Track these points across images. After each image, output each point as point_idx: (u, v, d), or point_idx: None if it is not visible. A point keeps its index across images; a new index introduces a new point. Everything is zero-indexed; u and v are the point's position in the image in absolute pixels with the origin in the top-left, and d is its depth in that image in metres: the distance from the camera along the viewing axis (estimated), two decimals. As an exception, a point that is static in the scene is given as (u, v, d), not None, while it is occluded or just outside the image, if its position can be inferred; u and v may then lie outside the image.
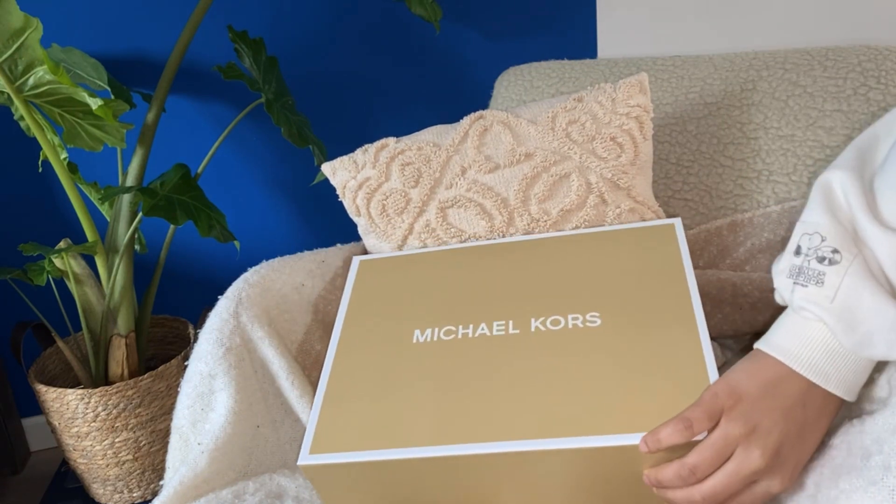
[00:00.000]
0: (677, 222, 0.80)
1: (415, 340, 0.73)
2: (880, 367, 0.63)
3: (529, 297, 0.75)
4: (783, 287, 0.63)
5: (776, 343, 0.61)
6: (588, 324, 0.70)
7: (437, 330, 0.74)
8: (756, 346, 0.63)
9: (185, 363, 0.82)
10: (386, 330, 0.76)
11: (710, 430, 0.58)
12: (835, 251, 0.60)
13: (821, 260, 0.60)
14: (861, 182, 0.62)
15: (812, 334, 0.60)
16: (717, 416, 0.58)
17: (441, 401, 0.67)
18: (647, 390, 0.63)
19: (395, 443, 0.64)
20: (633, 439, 0.59)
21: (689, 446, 0.58)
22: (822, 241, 0.61)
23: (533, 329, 0.71)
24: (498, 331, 0.72)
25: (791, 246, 0.64)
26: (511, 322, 0.72)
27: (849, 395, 0.60)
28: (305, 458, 0.66)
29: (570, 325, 0.70)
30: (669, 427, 0.58)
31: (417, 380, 0.69)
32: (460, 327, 0.73)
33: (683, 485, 0.59)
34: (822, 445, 0.60)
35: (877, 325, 0.57)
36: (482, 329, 0.72)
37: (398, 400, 0.68)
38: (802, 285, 0.61)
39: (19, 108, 1.20)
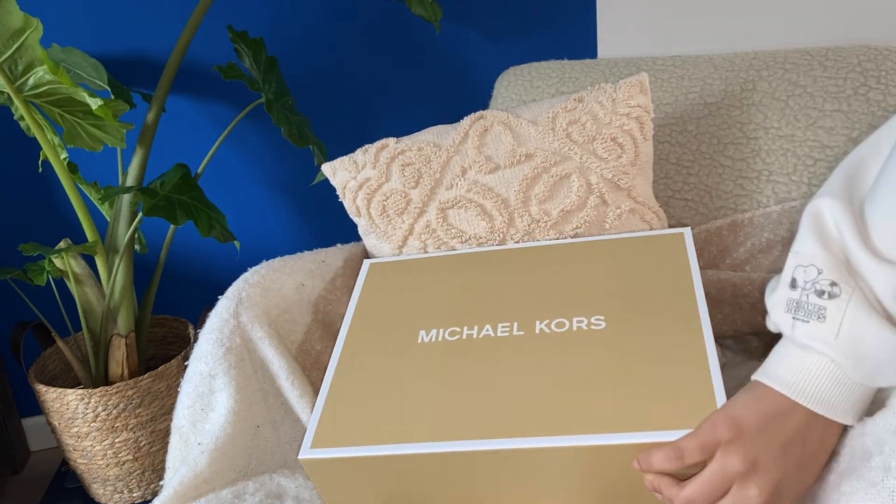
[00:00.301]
0: (686, 232, 0.80)
1: (420, 340, 0.74)
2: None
3: (535, 301, 0.75)
4: (782, 322, 0.62)
5: (777, 375, 0.60)
6: (593, 326, 0.70)
7: (441, 331, 0.74)
8: (755, 377, 0.62)
9: (185, 363, 0.82)
10: (391, 330, 0.76)
11: (707, 461, 0.58)
12: (833, 284, 0.59)
13: (820, 294, 0.59)
14: (851, 210, 0.61)
15: (815, 367, 0.59)
16: (711, 448, 0.57)
17: (443, 398, 0.67)
18: (649, 391, 0.63)
19: (396, 439, 0.65)
20: (634, 439, 0.59)
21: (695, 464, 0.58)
22: (819, 273, 0.60)
23: (537, 331, 0.71)
24: (502, 332, 0.72)
25: (785, 278, 0.63)
26: (516, 324, 0.72)
27: (854, 421, 0.59)
28: (306, 452, 0.66)
29: (574, 328, 0.70)
30: (662, 453, 0.58)
31: (420, 378, 0.70)
32: (465, 328, 0.73)
33: None
34: None
35: (884, 356, 0.57)
36: (487, 330, 0.73)
37: (400, 397, 0.68)
38: (803, 321, 0.60)
39: (19, 108, 1.20)
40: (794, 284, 0.62)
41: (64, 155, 1.29)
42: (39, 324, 1.41)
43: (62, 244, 1.28)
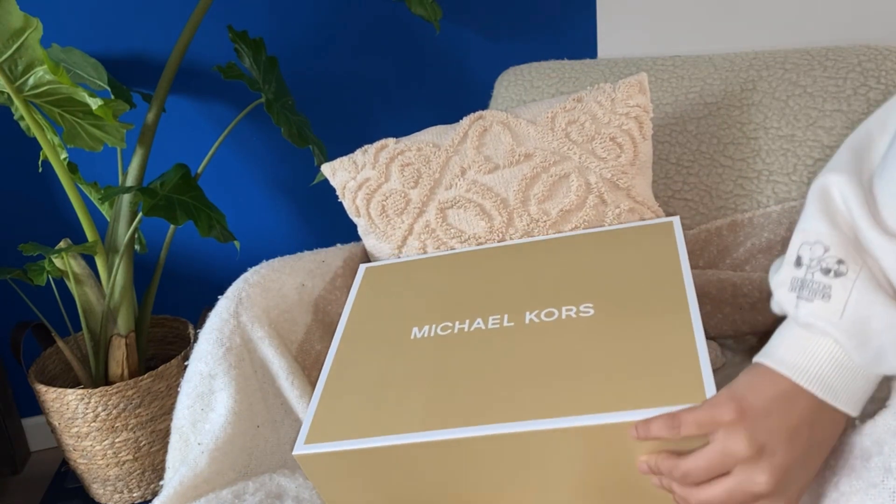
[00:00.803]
0: (675, 220, 0.80)
1: (412, 337, 0.74)
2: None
3: (525, 293, 0.76)
4: (786, 301, 0.60)
5: (780, 357, 0.58)
6: (581, 314, 0.70)
7: (434, 326, 0.75)
8: (757, 359, 0.60)
9: (185, 363, 0.82)
10: (385, 329, 0.77)
11: (709, 440, 0.57)
12: (840, 262, 0.57)
13: (825, 272, 0.57)
14: (860, 185, 0.59)
15: (819, 349, 0.57)
16: (709, 426, 0.56)
17: (436, 389, 0.67)
18: (638, 371, 0.63)
19: (390, 430, 0.65)
20: (625, 417, 0.59)
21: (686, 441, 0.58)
22: (826, 251, 0.58)
23: (527, 321, 0.72)
24: (493, 324, 0.73)
25: (790, 256, 0.61)
26: (506, 315, 0.73)
27: (855, 411, 0.57)
28: (301, 448, 0.66)
29: (563, 316, 0.71)
30: (660, 420, 0.57)
31: (413, 372, 0.70)
32: (457, 323, 0.74)
33: (679, 484, 0.58)
34: None
35: (890, 339, 0.55)
36: (478, 323, 0.73)
37: (394, 391, 0.69)
38: (807, 300, 0.57)
39: (19, 108, 1.20)
40: (799, 262, 0.59)
41: (64, 155, 1.29)
42: (39, 324, 1.41)
43: (62, 244, 1.28)
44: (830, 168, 0.61)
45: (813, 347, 0.57)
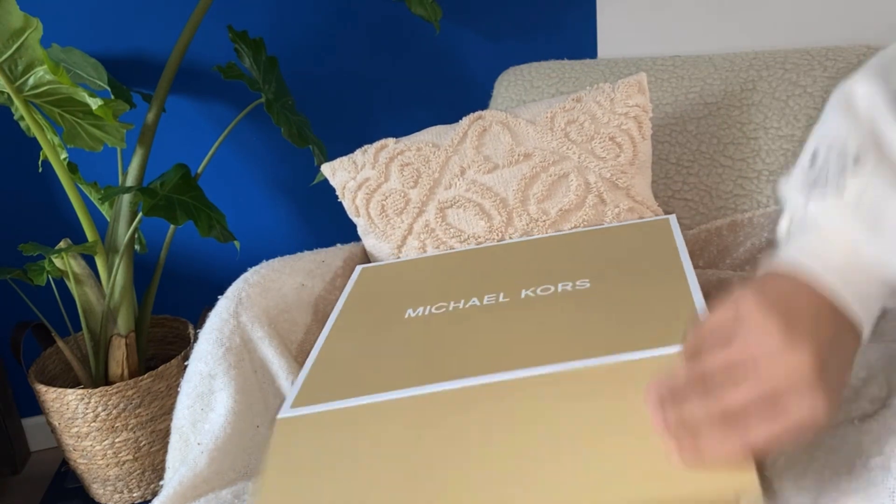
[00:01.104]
0: (672, 218, 0.81)
1: (406, 316, 0.74)
2: (882, 365, 0.62)
3: (521, 275, 0.76)
4: (796, 203, 0.56)
5: (790, 259, 0.52)
6: (577, 287, 0.71)
7: (429, 307, 0.75)
8: (763, 271, 0.53)
9: (185, 363, 0.82)
10: (379, 312, 0.77)
11: (731, 339, 0.49)
12: (857, 158, 0.53)
13: (841, 167, 0.54)
14: (887, 89, 0.55)
15: (831, 248, 0.52)
16: (727, 326, 0.50)
17: (431, 352, 0.67)
18: (637, 325, 0.62)
19: (385, 389, 0.63)
20: (629, 357, 0.58)
21: None
22: (843, 147, 0.54)
23: (523, 296, 0.72)
24: (489, 301, 0.73)
25: (804, 157, 0.57)
26: (502, 293, 0.74)
27: (866, 321, 0.51)
28: (287, 412, 0.63)
29: (559, 291, 0.71)
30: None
31: (405, 345, 0.70)
32: (451, 302, 0.74)
33: (696, 397, 0.48)
34: (821, 445, 0.60)
35: None
36: (473, 301, 0.74)
37: (388, 358, 0.68)
38: (820, 196, 0.54)
39: (19, 108, 1.20)
40: (814, 160, 0.56)
41: (64, 155, 1.29)
42: (39, 324, 1.41)
43: (62, 244, 1.28)
44: (859, 73, 0.58)
45: (825, 247, 0.53)
